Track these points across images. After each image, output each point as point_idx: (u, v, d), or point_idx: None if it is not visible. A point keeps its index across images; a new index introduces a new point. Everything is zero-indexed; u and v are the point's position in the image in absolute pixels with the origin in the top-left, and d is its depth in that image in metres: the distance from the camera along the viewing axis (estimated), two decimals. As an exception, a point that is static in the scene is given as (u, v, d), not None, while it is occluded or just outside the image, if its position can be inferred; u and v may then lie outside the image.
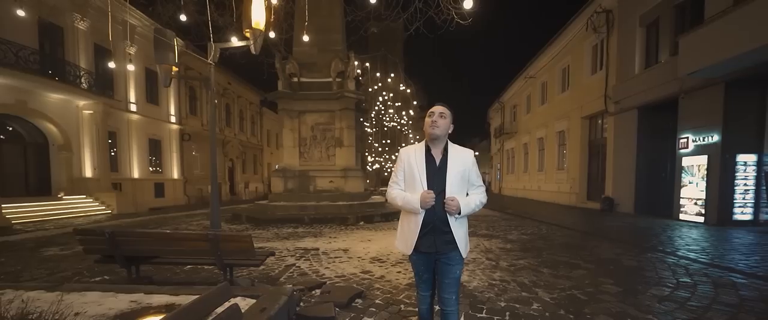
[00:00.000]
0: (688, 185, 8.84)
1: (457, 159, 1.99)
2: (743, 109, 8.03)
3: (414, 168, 1.98)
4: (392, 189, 2.07)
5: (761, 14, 6.51)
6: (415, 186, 1.95)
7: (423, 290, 2.11)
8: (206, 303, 1.55)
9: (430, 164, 1.98)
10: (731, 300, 3.40)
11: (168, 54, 4.97)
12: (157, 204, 16.41)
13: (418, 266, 2.04)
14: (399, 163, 2.05)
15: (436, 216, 1.93)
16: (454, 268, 1.98)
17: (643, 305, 3.26)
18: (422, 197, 1.88)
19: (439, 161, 1.99)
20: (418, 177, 1.95)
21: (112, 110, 14.34)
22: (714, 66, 7.56)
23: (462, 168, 1.97)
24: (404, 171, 2.03)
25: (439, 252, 1.96)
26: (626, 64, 11.53)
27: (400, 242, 2.11)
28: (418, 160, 1.98)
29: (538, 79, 19.19)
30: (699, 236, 6.75)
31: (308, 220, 9.04)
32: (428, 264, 2.02)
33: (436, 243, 1.94)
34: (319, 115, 11.26)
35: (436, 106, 2.02)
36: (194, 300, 1.50)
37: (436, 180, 1.94)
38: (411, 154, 2.03)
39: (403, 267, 4.66)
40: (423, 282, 2.08)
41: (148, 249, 3.43)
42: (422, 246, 1.96)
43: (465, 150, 2.06)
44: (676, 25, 9.75)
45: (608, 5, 12.43)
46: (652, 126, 10.72)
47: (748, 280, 4.04)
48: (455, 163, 1.97)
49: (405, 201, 1.95)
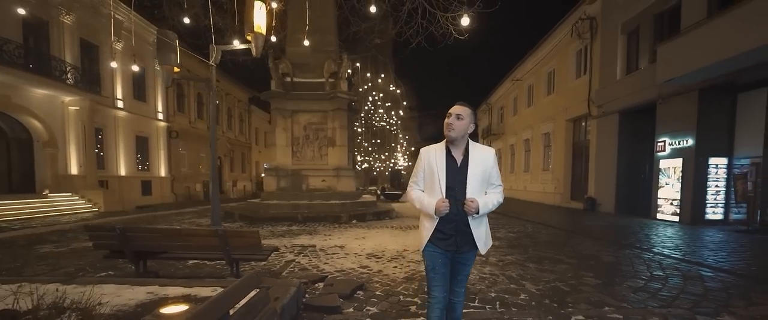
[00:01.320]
0: (665, 186, 9.36)
1: (478, 159, 1.95)
2: (715, 115, 8.55)
3: (434, 168, 1.94)
4: (412, 189, 2.06)
5: (731, 27, 6.98)
6: (434, 187, 1.93)
7: (436, 291, 1.99)
8: (239, 291, 1.73)
9: (451, 164, 1.94)
10: (697, 290, 3.76)
11: (170, 55, 5.07)
12: (144, 202, 16.22)
13: (434, 259, 1.97)
14: (419, 163, 2.01)
15: (456, 217, 1.91)
16: (468, 267, 2.05)
17: (619, 295, 3.58)
18: (437, 206, 1.87)
19: (460, 162, 1.95)
20: (438, 177, 1.92)
21: (99, 106, 14.12)
22: (689, 74, 8.05)
23: (482, 169, 1.94)
24: (424, 172, 2.00)
25: (459, 251, 1.96)
26: (608, 70, 12.04)
27: (418, 239, 2.11)
28: (439, 161, 1.94)
29: (524, 82, 19.71)
30: (673, 234, 7.21)
31: (301, 218, 9.18)
32: (445, 260, 1.98)
33: (457, 244, 1.95)
34: (311, 115, 11.38)
35: (454, 106, 1.94)
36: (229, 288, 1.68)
37: (457, 181, 1.92)
38: (431, 153, 1.98)
39: (398, 262, 4.90)
40: (438, 276, 1.98)
41: (157, 244, 3.56)
42: (441, 245, 1.95)
43: (486, 149, 2.03)
44: (655, 34, 10.26)
45: (592, 12, 12.93)
46: (633, 129, 11.24)
47: (714, 273, 4.42)
48: (476, 164, 1.94)
49: (422, 206, 1.95)
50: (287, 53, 11.65)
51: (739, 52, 6.80)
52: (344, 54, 11.71)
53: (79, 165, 13.38)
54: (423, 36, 4.72)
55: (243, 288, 1.78)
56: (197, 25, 6.87)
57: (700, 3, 8.47)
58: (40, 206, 11.29)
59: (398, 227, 8.46)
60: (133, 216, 11.60)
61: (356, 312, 3.05)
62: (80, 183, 13.15)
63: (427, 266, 2.02)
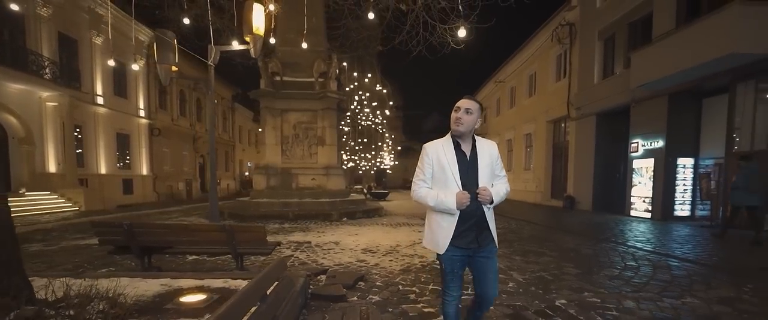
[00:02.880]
0: (638, 185, 9.97)
1: (485, 152, 1.96)
2: (683, 118, 9.19)
3: (445, 164, 1.89)
4: (419, 187, 1.97)
5: (696, 38, 7.55)
6: (448, 182, 1.88)
7: (453, 290, 2.00)
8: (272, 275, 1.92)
9: (461, 159, 1.91)
10: (665, 277, 4.16)
11: (168, 54, 5.12)
12: (126, 201, 15.86)
13: (453, 263, 1.93)
14: (425, 160, 1.95)
15: (477, 212, 1.88)
16: (493, 260, 1.97)
17: (597, 282, 3.93)
18: (459, 198, 1.81)
19: (470, 155, 1.94)
20: (451, 173, 1.88)
21: (78, 103, 13.72)
22: (659, 80, 8.63)
23: (490, 161, 1.95)
24: (432, 168, 1.94)
25: (480, 247, 1.92)
26: (586, 74, 12.64)
27: (429, 241, 2.01)
28: (449, 156, 1.90)
29: (507, 84, 20.31)
30: (645, 229, 7.74)
31: (292, 216, 9.29)
32: (464, 259, 1.95)
33: (478, 240, 1.90)
34: (301, 114, 11.46)
35: (462, 100, 1.91)
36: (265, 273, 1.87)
37: (469, 175, 1.90)
38: (439, 149, 1.94)
39: (393, 256, 5.13)
40: (455, 279, 1.97)
41: (164, 240, 3.67)
42: (462, 243, 1.89)
43: (490, 142, 2.04)
44: (629, 41, 10.87)
45: (571, 19, 13.52)
46: (609, 131, 11.86)
47: (681, 263, 4.86)
48: (484, 156, 1.94)
49: (438, 202, 1.86)
50: (277, 52, 11.69)
51: (703, 61, 7.38)
52: (334, 54, 11.84)
53: (57, 163, 12.98)
54: (424, 46, 4.96)
55: (274, 273, 1.97)
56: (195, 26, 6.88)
57: (669, 14, 9.07)
58: (16, 205, 10.90)
59: (388, 224, 8.70)
60: (117, 215, 11.38)
61: (360, 300, 3.27)
62: (59, 181, 12.77)
63: (445, 269, 1.96)
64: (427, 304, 3.22)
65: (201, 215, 10.76)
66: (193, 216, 10.60)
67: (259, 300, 1.66)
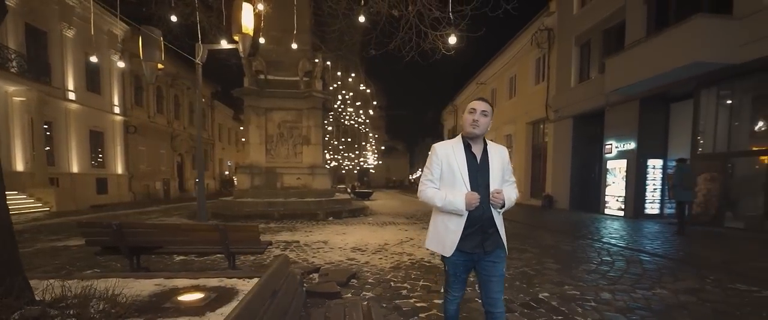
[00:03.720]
0: (612, 184, 10.49)
1: (496, 155, 1.91)
2: (653, 121, 9.74)
3: (454, 165, 1.86)
4: (427, 187, 1.93)
5: (664, 46, 8.03)
6: (456, 184, 1.84)
7: (455, 291, 1.98)
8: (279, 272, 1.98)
9: (471, 161, 1.87)
10: (637, 271, 4.46)
11: (154, 51, 5.04)
12: (100, 201, 15.26)
13: (457, 267, 1.91)
14: (433, 160, 1.92)
15: (483, 215, 1.83)
16: (500, 265, 1.90)
17: (576, 276, 4.18)
18: (468, 199, 1.77)
19: (480, 158, 1.90)
20: (460, 175, 1.84)
21: (49, 98, 13.11)
22: (631, 85, 9.11)
23: (501, 165, 1.90)
24: (441, 169, 1.90)
25: (486, 252, 1.86)
26: (563, 78, 13.15)
27: (434, 243, 1.96)
28: (458, 157, 1.86)
29: (488, 86, 20.79)
30: (619, 226, 8.18)
31: (278, 216, 9.25)
32: (468, 264, 1.91)
33: (484, 244, 1.85)
34: (286, 113, 11.40)
35: (477, 101, 1.86)
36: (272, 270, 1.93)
37: (479, 178, 1.86)
38: (449, 150, 1.90)
39: (382, 254, 5.24)
40: (459, 282, 1.96)
41: (154, 240, 3.63)
42: (467, 246, 1.84)
43: (501, 146, 2.00)
44: (603, 48, 11.40)
45: (550, 24, 14.02)
46: (585, 133, 12.39)
47: (651, 258, 5.20)
48: (495, 160, 1.89)
49: (446, 202, 1.82)
50: (260, 50, 11.54)
51: (670, 69, 7.87)
52: (319, 54, 11.83)
53: (25, 161, 12.38)
54: (416, 52, 5.08)
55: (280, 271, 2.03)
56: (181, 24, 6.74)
57: (640, 23, 9.59)
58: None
59: (375, 223, 8.80)
60: (92, 216, 10.97)
61: (355, 296, 3.36)
62: (28, 180, 12.18)
63: (448, 271, 1.95)
64: (419, 299, 3.34)
65: (182, 215, 10.53)
66: (174, 217, 10.37)
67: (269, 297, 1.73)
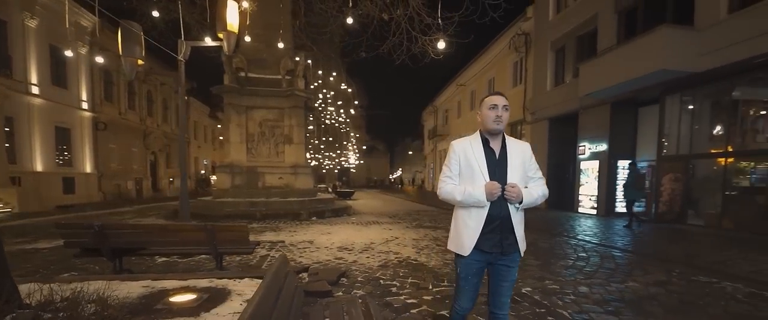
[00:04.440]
0: (585, 184, 10.98)
1: (516, 151, 1.87)
2: (623, 124, 10.27)
3: (472, 161, 1.82)
4: (446, 184, 1.90)
5: (633, 54, 8.48)
6: (475, 180, 1.80)
7: (465, 301, 1.90)
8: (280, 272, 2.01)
9: (490, 157, 1.83)
10: (611, 266, 4.74)
11: (134, 47, 4.89)
12: (67, 201, 14.47)
13: (470, 268, 1.85)
14: (452, 157, 1.89)
15: (501, 213, 1.78)
16: (513, 270, 1.86)
17: (555, 271, 4.39)
18: (488, 188, 1.73)
19: (499, 154, 1.85)
20: (479, 170, 1.80)
21: (9, 92, 12.33)
22: (603, 90, 9.57)
23: (521, 161, 1.85)
24: (460, 165, 1.87)
25: (504, 253, 1.81)
26: (540, 81, 13.62)
27: (453, 243, 1.92)
28: (477, 153, 1.83)
29: (468, 87, 21.22)
30: (592, 224, 8.59)
31: (260, 216, 9.12)
32: (482, 266, 1.85)
33: (502, 244, 1.80)
34: (267, 112, 11.24)
35: (496, 96, 1.83)
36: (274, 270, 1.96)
37: (498, 173, 1.81)
38: (467, 146, 1.87)
39: (369, 253, 5.30)
40: (470, 287, 1.88)
41: (138, 241, 3.54)
42: (485, 245, 1.79)
43: (522, 142, 1.96)
44: (577, 53, 11.91)
45: (527, 29, 14.49)
46: (560, 135, 12.88)
47: (623, 254, 5.53)
48: (514, 156, 1.85)
49: (466, 195, 1.78)
50: (241, 48, 11.33)
51: (638, 75, 8.33)
52: (302, 52, 11.73)
53: (-17, 159, 11.58)
54: (406, 55, 5.17)
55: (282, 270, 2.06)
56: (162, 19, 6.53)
57: (611, 31, 10.09)
58: (-67, 207, 9.63)
59: (358, 223, 8.84)
60: (59, 217, 10.42)
61: (346, 294, 3.41)
62: (-14, 180, 11.41)
63: (460, 273, 1.87)
64: (409, 296, 3.44)
65: (159, 216, 10.19)
66: (150, 217, 10.02)
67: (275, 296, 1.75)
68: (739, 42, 6.91)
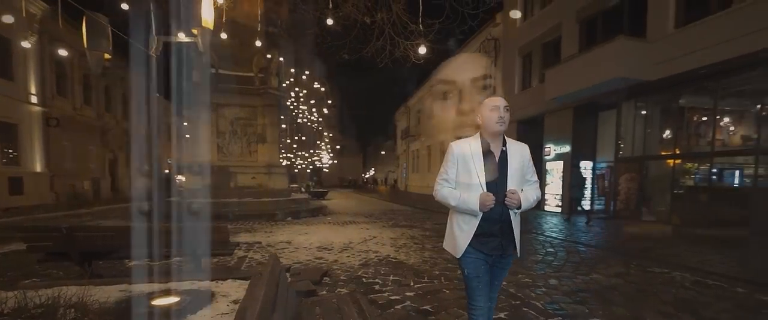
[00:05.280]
0: (550, 184, 11.58)
1: (516, 153, 1.84)
2: (584, 127, 10.93)
3: (470, 164, 1.79)
4: (442, 187, 1.88)
5: (592, 62, 9.07)
6: (472, 183, 1.78)
7: (480, 300, 1.83)
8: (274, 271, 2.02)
9: (489, 159, 1.80)
10: (576, 260, 5.08)
11: (101, 40, 4.63)
12: (14, 203, 13.32)
13: (477, 266, 1.80)
14: (450, 159, 1.86)
15: (503, 217, 1.77)
16: (506, 270, 1.92)
17: (526, 266, 4.66)
18: (482, 199, 1.71)
19: (498, 156, 1.82)
20: (476, 173, 1.77)
21: (-55, 84, 11.21)
22: (566, 95, 10.15)
23: (520, 164, 1.84)
24: (457, 168, 1.84)
25: (504, 255, 1.83)
26: (508, 85, 14.20)
27: (449, 244, 1.94)
28: (475, 155, 1.80)
29: (439, 89, 21.66)
30: (557, 222, 9.11)
31: (232, 217, 8.88)
32: (487, 264, 1.83)
33: (503, 246, 1.80)
34: (239, 109, 10.94)
35: (497, 98, 1.82)
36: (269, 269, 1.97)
37: (496, 178, 1.78)
38: (465, 148, 1.83)
39: (349, 252, 5.35)
40: (482, 285, 1.82)
41: (109, 244, 3.39)
42: (486, 248, 1.79)
43: (521, 144, 1.92)
44: (543, 59, 12.53)
45: (496, 34, 15.06)
46: (527, 136, 13.48)
47: (586, 248, 5.93)
48: (514, 158, 1.83)
49: (460, 202, 1.78)
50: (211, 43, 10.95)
51: (597, 82, 8.92)
52: (275, 50, 11.52)
53: None
54: (389, 59, 5.26)
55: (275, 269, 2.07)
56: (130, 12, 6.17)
57: (573, 39, 10.73)
58: None
59: (335, 223, 8.83)
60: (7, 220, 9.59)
61: (330, 293, 3.44)
62: None
63: (469, 275, 1.82)
64: (392, 293, 3.53)
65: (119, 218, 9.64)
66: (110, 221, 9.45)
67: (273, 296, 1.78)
68: (686, 54, 7.59)
